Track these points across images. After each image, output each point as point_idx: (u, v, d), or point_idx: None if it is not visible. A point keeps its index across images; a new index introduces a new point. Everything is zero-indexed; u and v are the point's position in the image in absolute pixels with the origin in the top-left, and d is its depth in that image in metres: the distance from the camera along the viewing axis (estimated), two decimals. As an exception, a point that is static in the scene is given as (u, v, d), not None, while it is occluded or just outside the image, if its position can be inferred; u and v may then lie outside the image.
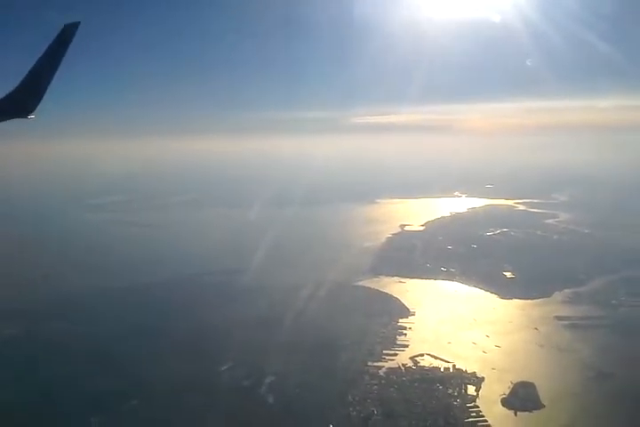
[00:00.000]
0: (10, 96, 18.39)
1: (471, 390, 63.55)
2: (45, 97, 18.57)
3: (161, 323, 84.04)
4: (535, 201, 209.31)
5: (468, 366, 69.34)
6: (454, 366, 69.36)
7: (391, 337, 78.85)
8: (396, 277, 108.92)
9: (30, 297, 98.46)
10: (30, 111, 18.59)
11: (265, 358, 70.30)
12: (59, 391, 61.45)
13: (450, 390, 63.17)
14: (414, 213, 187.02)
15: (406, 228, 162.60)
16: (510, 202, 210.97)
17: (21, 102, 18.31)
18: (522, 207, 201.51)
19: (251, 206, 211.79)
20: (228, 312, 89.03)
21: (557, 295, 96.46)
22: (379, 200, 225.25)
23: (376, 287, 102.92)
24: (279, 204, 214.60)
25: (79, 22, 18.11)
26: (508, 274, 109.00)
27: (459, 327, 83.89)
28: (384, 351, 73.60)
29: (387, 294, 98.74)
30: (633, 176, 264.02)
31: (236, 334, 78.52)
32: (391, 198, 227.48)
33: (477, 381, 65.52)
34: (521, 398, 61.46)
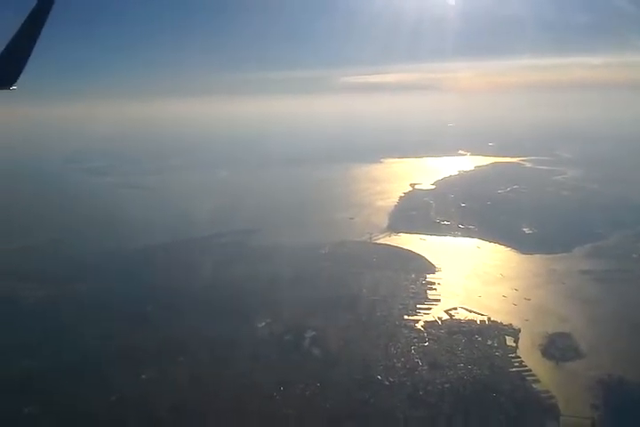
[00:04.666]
0: None
1: (510, 341, 64.31)
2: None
3: (183, 283, 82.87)
4: (540, 158, 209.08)
5: (502, 318, 69.98)
6: (489, 318, 70.02)
7: (422, 292, 79.13)
8: (415, 235, 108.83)
9: (48, 259, 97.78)
10: (11, 83, 17.51)
11: (300, 314, 70.30)
12: (103, 350, 61.04)
13: (489, 342, 63.84)
14: (421, 172, 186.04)
15: (417, 186, 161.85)
16: (515, 159, 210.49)
17: (1, 75, 17.33)
18: (528, 165, 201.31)
19: (251, 168, 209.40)
20: (249, 272, 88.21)
21: (578, 250, 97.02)
22: (383, 160, 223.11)
23: (397, 244, 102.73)
24: (281, 164, 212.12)
25: None
26: (527, 230, 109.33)
27: (486, 282, 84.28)
28: (417, 306, 73.92)
29: (409, 250, 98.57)
30: (630, 132, 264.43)
31: (265, 293, 78.28)
32: (395, 158, 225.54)
33: (514, 332, 66.22)
34: (560, 348, 62.30)
